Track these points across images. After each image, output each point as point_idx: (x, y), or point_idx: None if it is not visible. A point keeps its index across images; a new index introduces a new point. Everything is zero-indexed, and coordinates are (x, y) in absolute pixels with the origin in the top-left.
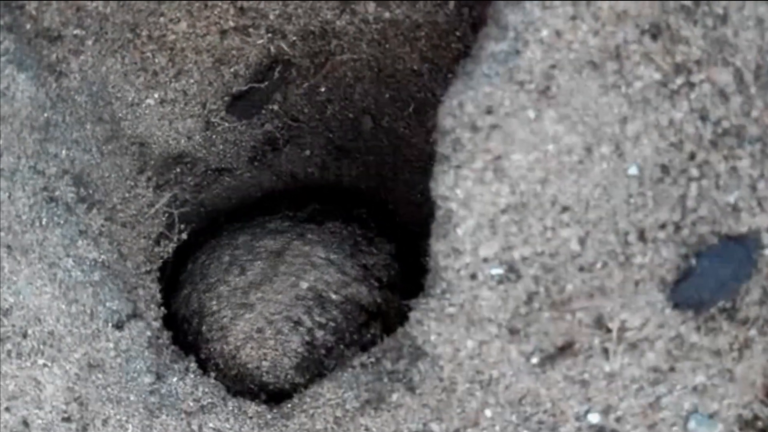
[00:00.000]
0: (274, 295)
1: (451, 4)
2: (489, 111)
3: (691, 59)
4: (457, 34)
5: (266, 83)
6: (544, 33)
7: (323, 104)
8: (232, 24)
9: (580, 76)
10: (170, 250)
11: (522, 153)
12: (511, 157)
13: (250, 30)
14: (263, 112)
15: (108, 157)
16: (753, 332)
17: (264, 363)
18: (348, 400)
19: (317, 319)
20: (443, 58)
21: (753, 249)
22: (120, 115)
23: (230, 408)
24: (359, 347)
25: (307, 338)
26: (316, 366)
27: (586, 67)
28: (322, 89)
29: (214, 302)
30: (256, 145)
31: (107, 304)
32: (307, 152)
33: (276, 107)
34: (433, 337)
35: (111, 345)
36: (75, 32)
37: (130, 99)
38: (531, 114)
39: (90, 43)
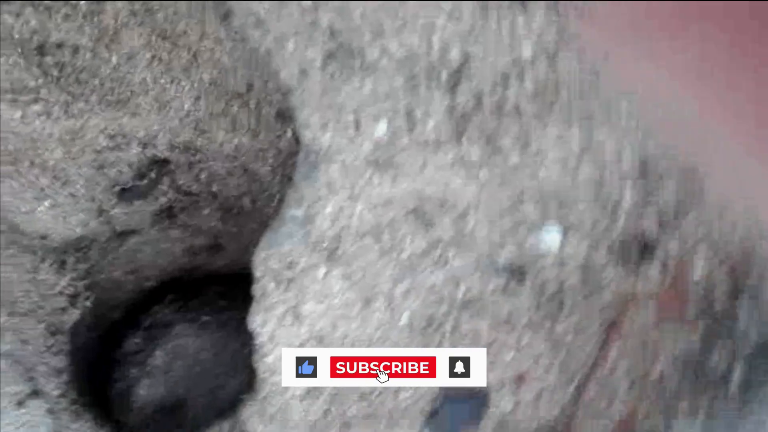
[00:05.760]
0: None
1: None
2: (289, 266)
3: (441, 239)
4: None
5: (146, 181)
6: (329, 209)
7: (208, 183)
8: (104, 145)
9: (362, 242)
10: (76, 318)
11: (314, 302)
12: (305, 305)
13: (123, 146)
14: (154, 192)
15: (9, 259)
16: None
17: None
18: None
19: None
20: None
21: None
22: (17, 221)
23: None
24: None
25: None
26: None
27: (367, 235)
28: (203, 177)
29: None
30: (156, 212)
31: (7, 389)
32: (206, 211)
33: (165, 187)
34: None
35: (11, 421)
36: None
37: (24, 210)
38: (321, 271)
39: None
